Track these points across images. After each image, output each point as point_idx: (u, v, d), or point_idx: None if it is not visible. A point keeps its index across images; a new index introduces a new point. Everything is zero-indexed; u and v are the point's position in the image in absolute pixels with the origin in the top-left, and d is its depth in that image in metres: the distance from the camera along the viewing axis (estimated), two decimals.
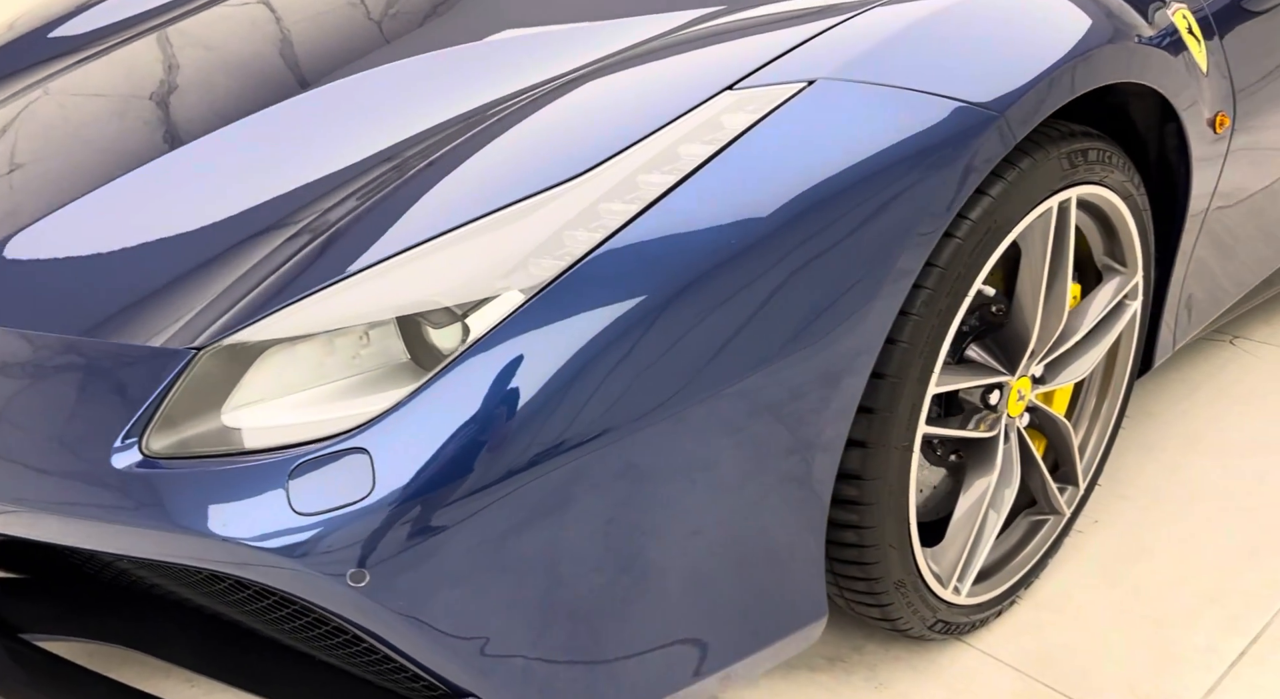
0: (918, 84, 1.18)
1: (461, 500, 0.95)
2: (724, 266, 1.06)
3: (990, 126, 1.19)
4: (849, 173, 1.13)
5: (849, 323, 1.14)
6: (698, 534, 1.14)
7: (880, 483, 1.29)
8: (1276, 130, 1.77)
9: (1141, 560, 1.75)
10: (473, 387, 0.97)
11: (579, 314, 1.01)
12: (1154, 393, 2.29)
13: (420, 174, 1.17)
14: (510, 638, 1.04)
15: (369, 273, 1.05)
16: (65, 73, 1.80)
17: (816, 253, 1.11)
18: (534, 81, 1.30)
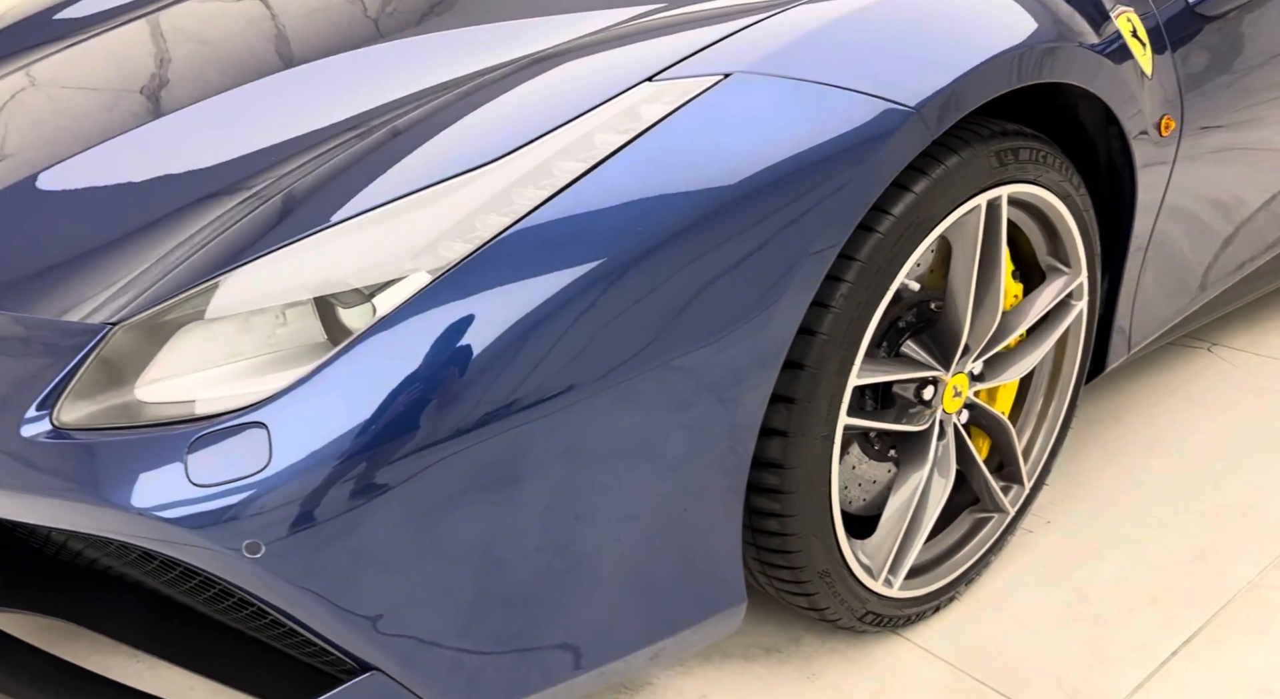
0: (834, 79, 1.21)
1: (358, 477, 0.98)
2: (630, 253, 1.09)
3: (906, 122, 1.21)
4: (760, 163, 1.15)
5: (759, 312, 1.16)
6: (608, 517, 1.17)
7: (800, 472, 1.31)
8: (1227, 135, 1.78)
9: (1088, 561, 1.76)
10: (372, 366, 1.00)
11: (484, 295, 1.04)
12: (1123, 397, 2.30)
13: (345, 157, 1.21)
14: (410, 613, 1.07)
15: (282, 253, 1.09)
16: (53, 55, 1.86)
17: (725, 242, 1.13)
18: (469, 71, 1.34)
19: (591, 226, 1.08)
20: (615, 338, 1.09)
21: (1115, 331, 1.80)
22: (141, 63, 1.75)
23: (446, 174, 1.12)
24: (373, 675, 1.10)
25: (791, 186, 1.16)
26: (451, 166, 1.13)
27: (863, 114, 1.20)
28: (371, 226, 1.09)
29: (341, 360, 1.01)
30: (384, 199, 1.11)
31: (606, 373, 1.09)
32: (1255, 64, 1.79)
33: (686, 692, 1.52)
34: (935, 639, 1.60)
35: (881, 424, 1.42)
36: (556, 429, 1.07)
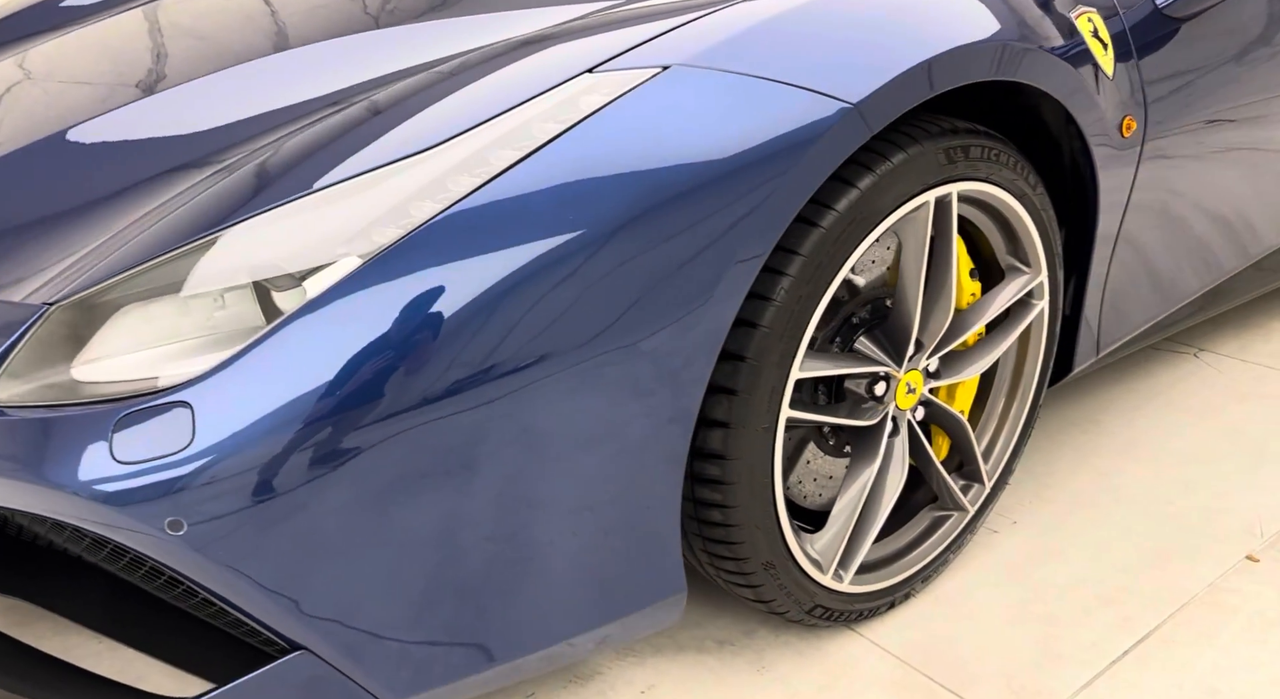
0: (772, 73, 1.22)
1: (280, 458, 1.00)
2: (561, 240, 1.10)
3: (844, 118, 1.22)
4: (696, 154, 1.17)
5: (692, 304, 1.18)
6: (541, 503, 1.18)
7: (742, 463, 1.32)
8: (1195, 138, 1.78)
9: (1050, 562, 1.76)
10: (298, 349, 1.03)
11: (413, 278, 1.06)
12: (1103, 401, 2.29)
13: (292, 144, 1.24)
14: (338, 594, 1.09)
15: (220, 237, 1.11)
16: (50, 41, 1.91)
17: (658, 232, 1.15)
18: (418, 63, 1.37)
19: (523, 213, 1.10)
20: (545, 325, 1.10)
21: (1082, 333, 1.80)
22: (131, 50, 1.79)
23: (384, 161, 1.15)
24: (301, 655, 1.12)
25: (726, 178, 1.17)
26: (390, 154, 1.16)
27: (800, 109, 1.21)
28: (307, 212, 1.12)
29: (267, 343, 1.03)
30: (321, 185, 1.14)
31: (535, 361, 1.11)
32: (1224, 66, 1.79)
33: (636, 681, 1.53)
34: (888, 635, 1.61)
35: (824, 417, 1.43)
36: (483, 415, 1.09)
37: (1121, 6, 1.65)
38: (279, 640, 1.12)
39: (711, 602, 1.68)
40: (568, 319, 1.12)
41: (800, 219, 1.29)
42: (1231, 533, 1.82)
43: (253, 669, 1.16)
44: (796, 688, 1.51)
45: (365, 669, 1.15)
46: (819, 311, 1.32)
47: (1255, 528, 1.83)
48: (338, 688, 1.15)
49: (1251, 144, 1.93)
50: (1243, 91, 1.82)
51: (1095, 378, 2.39)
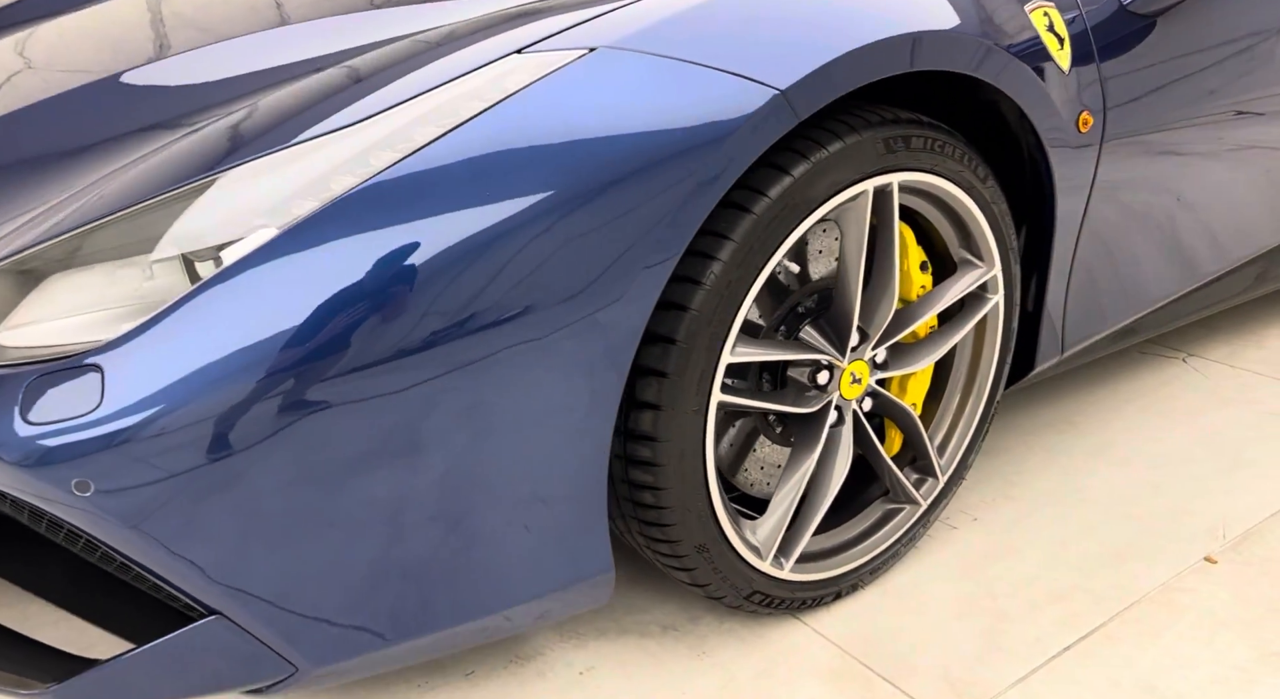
0: (700, 58, 1.23)
1: (186, 424, 1.03)
2: (478, 212, 1.12)
3: (770, 103, 1.23)
4: (618, 133, 1.18)
5: (608, 283, 1.19)
6: (460, 476, 1.20)
7: (671, 445, 1.34)
8: (1161, 137, 1.77)
9: (1005, 558, 1.76)
10: (208, 318, 1.05)
11: (326, 248, 1.09)
12: (1082, 402, 2.28)
13: (229, 120, 1.27)
14: (253, 560, 1.11)
15: (147, 207, 1.15)
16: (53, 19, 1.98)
17: (577, 210, 1.16)
18: (361, 43, 1.41)
19: (440, 186, 1.12)
20: (461, 297, 1.12)
21: (1045, 331, 1.80)
22: (129, 32, 1.85)
23: (309, 135, 1.18)
24: (216, 620, 1.14)
25: (648, 157, 1.19)
26: (318, 131, 1.19)
27: (726, 93, 1.23)
28: (232, 185, 1.15)
29: (177, 311, 1.06)
30: (247, 158, 1.17)
31: (452, 333, 1.13)
32: (1192, 64, 1.78)
33: (576, 663, 1.55)
34: (833, 624, 1.62)
35: (757, 403, 1.43)
36: (395, 387, 1.11)
37: (1083, 2, 1.65)
38: (196, 605, 1.15)
39: (658, 588, 1.70)
40: (484, 294, 1.13)
41: (732, 204, 1.31)
42: (1194, 535, 1.80)
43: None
44: (734, 673, 1.52)
45: (281, 636, 1.17)
46: (751, 297, 1.33)
47: (1218, 531, 1.81)
48: (253, 654, 1.17)
49: (1225, 145, 1.91)
50: (1213, 91, 1.81)
51: (1075, 379, 2.38)
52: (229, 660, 1.18)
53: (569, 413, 1.23)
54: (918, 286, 1.60)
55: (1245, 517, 1.85)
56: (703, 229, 1.30)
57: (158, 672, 1.16)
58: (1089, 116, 1.62)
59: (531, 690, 1.50)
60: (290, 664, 1.20)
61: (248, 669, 1.19)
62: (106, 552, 1.15)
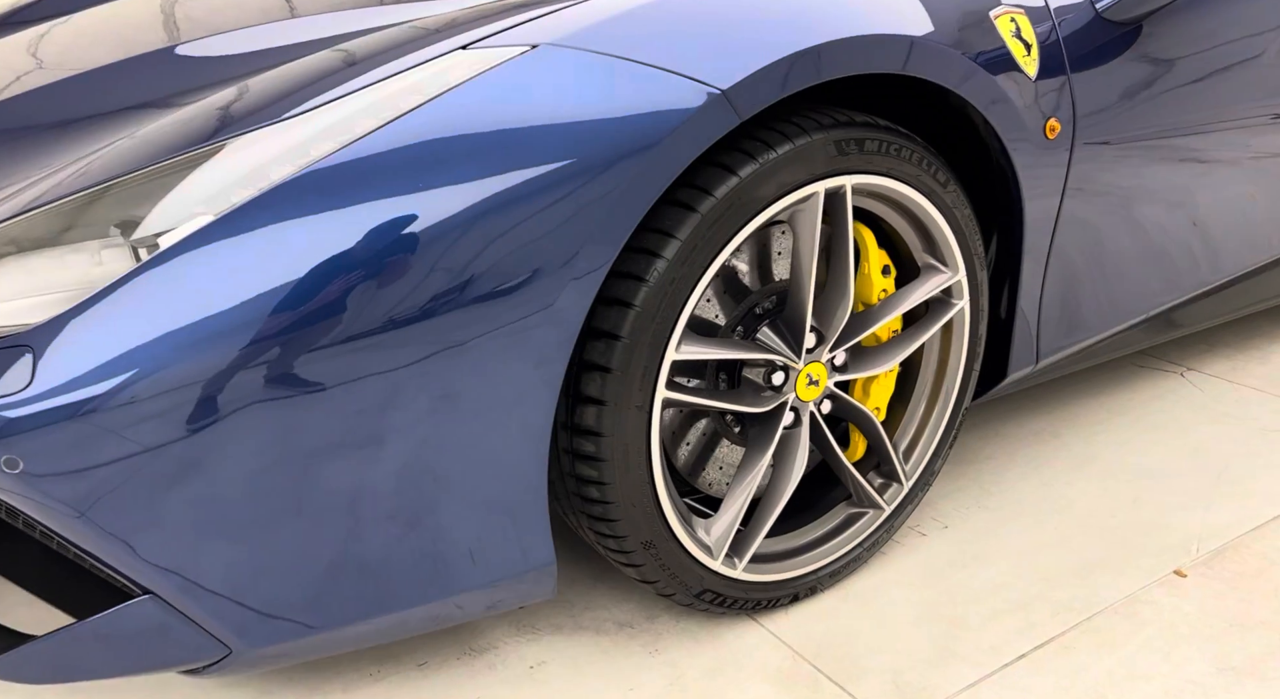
0: (642, 56, 1.25)
1: (117, 404, 1.06)
2: (413, 198, 1.14)
3: (710, 103, 1.25)
4: (556, 128, 1.20)
5: (546, 280, 1.20)
6: (394, 469, 1.22)
7: (615, 440, 1.35)
8: (1136, 148, 1.75)
9: (971, 566, 1.75)
10: (140, 301, 1.08)
11: (259, 233, 1.11)
12: (1071, 414, 2.26)
13: (188, 110, 1.31)
14: (179, 541, 1.14)
15: (94, 192, 1.19)
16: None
17: (512, 202, 1.18)
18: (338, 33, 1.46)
19: (376, 174, 1.14)
20: (396, 285, 1.14)
21: (1017, 339, 1.79)
22: (148, 24, 1.91)
23: (256, 126, 1.21)
24: (149, 599, 1.17)
25: (585, 155, 1.20)
26: (260, 121, 1.22)
27: (666, 91, 1.24)
28: (175, 173, 1.18)
29: (111, 294, 1.09)
30: (192, 147, 1.20)
31: (384, 328, 1.15)
32: (1167, 72, 1.76)
33: (528, 657, 1.57)
34: (789, 627, 1.62)
35: (704, 401, 1.44)
36: (326, 371, 1.13)
37: (1054, 7, 1.64)
38: (130, 584, 1.18)
39: (619, 586, 1.71)
40: (417, 285, 1.16)
41: (678, 203, 1.32)
42: (1166, 548, 1.78)
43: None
44: (684, 671, 1.53)
45: (215, 617, 1.19)
46: (696, 295, 1.35)
47: (1192, 545, 1.79)
48: (187, 634, 1.20)
49: (1208, 158, 1.89)
50: (1190, 100, 1.80)
51: (1065, 390, 2.36)
52: (163, 640, 1.21)
53: (505, 407, 1.25)
54: (878, 290, 1.60)
55: (1221, 532, 1.82)
56: (648, 227, 1.32)
57: (92, 649, 1.19)
58: (1057, 123, 1.61)
59: (481, 682, 1.52)
60: (224, 646, 1.22)
61: (182, 649, 1.22)
62: (43, 530, 1.18)
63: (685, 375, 1.53)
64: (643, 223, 1.32)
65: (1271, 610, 1.62)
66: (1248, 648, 1.54)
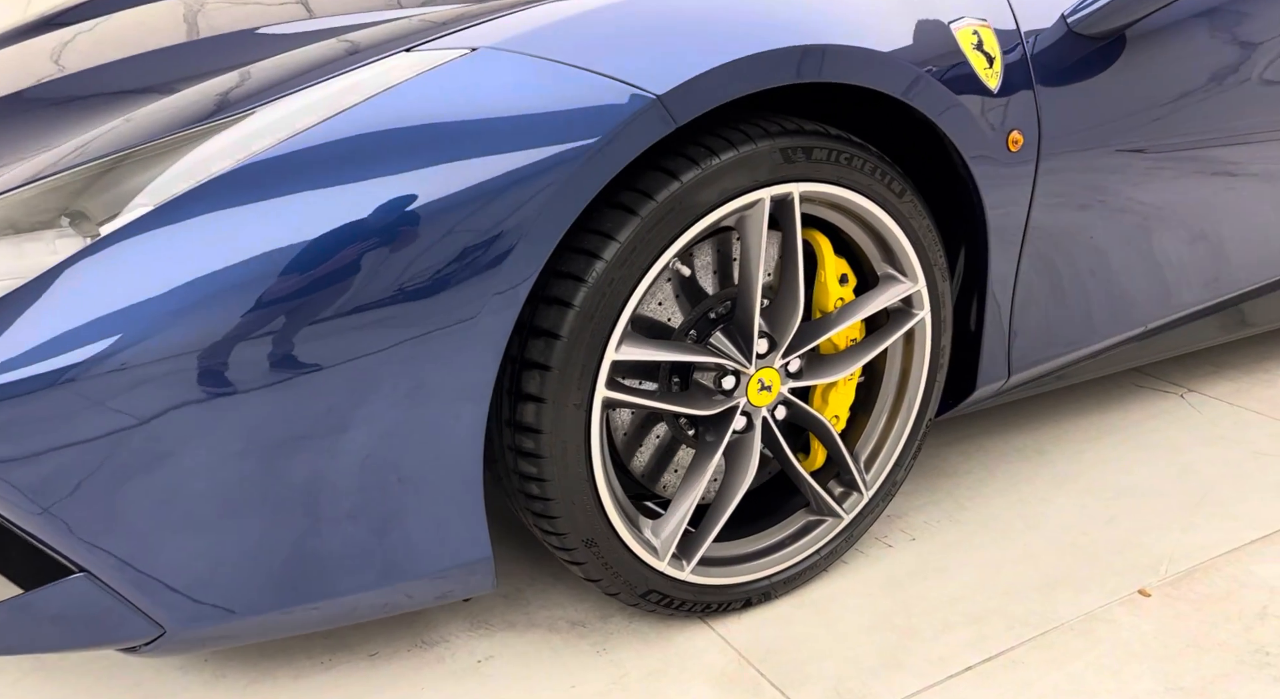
0: (580, 61, 1.28)
1: (48, 388, 1.10)
2: (346, 199, 1.18)
3: (645, 108, 1.27)
4: (491, 129, 1.23)
5: (477, 279, 1.23)
6: (324, 460, 1.25)
7: (554, 437, 1.37)
8: (1111, 166, 1.74)
9: (933, 578, 1.74)
10: (75, 287, 1.13)
11: (191, 224, 1.15)
12: (1059, 432, 2.24)
13: (155, 105, 1.38)
14: (110, 519, 1.17)
15: (53, 181, 1.24)
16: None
17: (444, 199, 1.20)
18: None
19: (310, 168, 1.18)
20: (320, 282, 1.18)
21: (987, 352, 1.78)
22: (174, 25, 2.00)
23: (204, 122, 1.26)
24: (83, 577, 1.21)
25: (519, 155, 1.23)
26: (212, 117, 1.27)
27: (602, 95, 1.26)
28: (126, 164, 1.24)
29: (48, 282, 1.14)
30: (143, 141, 1.26)
31: (314, 319, 1.18)
32: (1139, 88, 1.75)
33: (477, 651, 1.59)
34: (740, 630, 1.62)
35: (646, 402, 1.46)
36: (244, 362, 1.17)
37: (1022, 20, 1.64)
38: (65, 562, 1.22)
39: (579, 586, 1.73)
40: (352, 278, 1.19)
41: (619, 206, 1.35)
42: (1135, 567, 1.76)
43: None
44: (627, 671, 1.54)
45: (148, 597, 1.23)
46: (636, 296, 1.36)
47: (1162, 565, 1.76)
48: (121, 613, 1.24)
49: (1191, 171, 1.88)
50: (1165, 116, 1.78)
51: (1056, 407, 2.34)
52: (97, 618, 1.24)
53: (440, 404, 1.27)
54: (835, 299, 1.61)
55: (1194, 553, 1.80)
56: (589, 228, 1.34)
57: (27, 624, 1.23)
58: (1019, 136, 1.61)
59: (428, 674, 1.54)
60: (158, 626, 1.26)
61: (116, 628, 1.25)
62: None
63: (637, 377, 1.55)
64: (585, 224, 1.34)
65: (1232, 633, 1.59)
66: (1201, 669, 1.52)
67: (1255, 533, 1.86)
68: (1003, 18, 1.63)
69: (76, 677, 1.54)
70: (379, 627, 1.64)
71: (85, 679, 1.54)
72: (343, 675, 1.54)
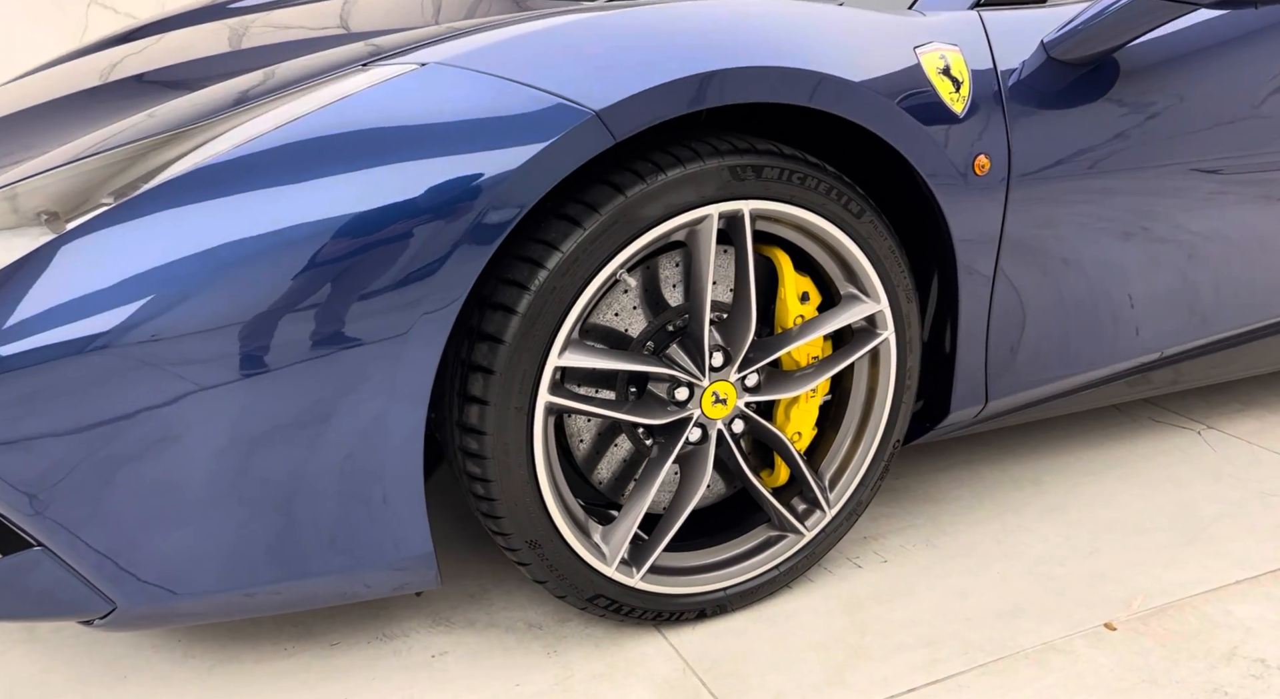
0: (523, 77, 1.33)
1: (17, 369, 1.20)
2: (290, 201, 1.25)
3: (583, 123, 1.32)
4: (435, 134, 1.29)
5: (418, 275, 1.28)
6: (259, 449, 1.31)
7: (497, 439, 1.42)
8: (1088, 185, 1.73)
9: (895, 600, 1.74)
10: (37, 277, 1.23)
11: (151, 219, 1.24)
12: (1059, 463, 2.21)
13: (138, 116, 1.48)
14: (67, 497, 1.25)
15: (30, 182, 1.35)
16: None
17: (386, 204, 1.26)
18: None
19: (260, 169, 1.25)
20: (271, 275, 1.25)
21: (961, 377, 1.78)
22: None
23: (171, 130, 1.35)
24: (40, 551, 1.30)
25: (461, 162, 1.28)
26: (181, 124, 1.37)
27: (542, 110, 1.31)
28: (94, 166, 1.33)
29: (13, 272, 1.23)
30: (117, 145, 1.35)
31: (257, 312, 1.25)
32: (1117, 114, 1.74)
33: (433, 647, 1.64)
34: (691, 640, 1.64)
35: (592, 408, 1.49)
36: (191, 354, 1.24)
37: (996, 45, 1.65)
38: (25, 535, 1.30)
39: (540, 589, 1.77)
40: (293, 279, 1.26)
41: (565, 217, 1.40)
42: (1106, 600, 1.73)
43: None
44: (573, 673, 1.58)
45: (99, 575, 1.31)
46: (579, 305, 1.41)
47: (1135, 600, 1.73)
48: (75, 587, 1.32)
49: (1173, 203, 1.85)
50: (1146, 144, 1.76)
51: (1062, 438, 2.30)
52: (53, 591, 1.32)
53: (381, 403, 1.32)
54: (794, 316, 1.63)
55: (1173, 590, 1.76)
56: (536, 238, 1.39)
57: None
58: (986, 160, 1.61)
59: (383, 665, 1.60)
60: (110, 601, 1.34)
61: (70, 602, 1.33)
62: None
63: (594, 385, 1.59)
64: (531, 234, 1.39)
65: (1193, 671, 1.56)
66: None
67: (1242, 573, 1.81)
68: (977, 43, 1.64)
69: (58, 650, 1.64)
70: (344, 618, 1.70)
71: (64, 652, 1.63)
72: (302, 662, 1.60)
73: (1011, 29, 1.69)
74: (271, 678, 1.58)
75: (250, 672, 1.59)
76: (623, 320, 1.58)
